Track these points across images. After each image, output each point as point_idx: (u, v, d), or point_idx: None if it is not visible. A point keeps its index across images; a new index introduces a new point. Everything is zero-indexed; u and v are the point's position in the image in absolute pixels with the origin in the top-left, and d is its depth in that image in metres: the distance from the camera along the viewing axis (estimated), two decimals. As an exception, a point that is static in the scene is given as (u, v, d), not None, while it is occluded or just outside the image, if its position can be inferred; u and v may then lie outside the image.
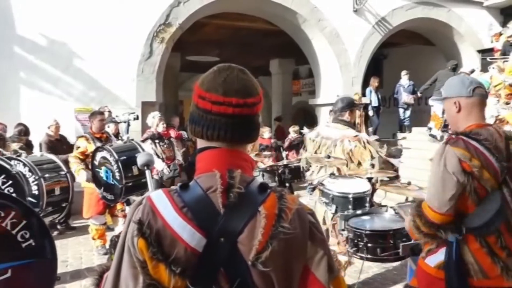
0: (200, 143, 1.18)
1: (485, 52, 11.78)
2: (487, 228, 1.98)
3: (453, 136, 2.04)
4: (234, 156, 1.15)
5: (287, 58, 16.93)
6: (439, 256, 2.08)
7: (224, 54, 15.47)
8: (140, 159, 2.03)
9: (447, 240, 2.04)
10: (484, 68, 10.34)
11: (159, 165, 6.53)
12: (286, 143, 10.61)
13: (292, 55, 15.31)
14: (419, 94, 11.55)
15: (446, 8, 12.18)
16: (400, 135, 11.59)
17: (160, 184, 6.34)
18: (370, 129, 11.24)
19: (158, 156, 6.59)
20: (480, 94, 2.12)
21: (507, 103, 7.10)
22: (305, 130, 5.62)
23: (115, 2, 8.61)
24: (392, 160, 6.21)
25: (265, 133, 9.11)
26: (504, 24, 12.05)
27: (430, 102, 10.31)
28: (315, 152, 4.02)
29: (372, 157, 3.88)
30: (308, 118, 15.09)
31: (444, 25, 12.33)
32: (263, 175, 5.02)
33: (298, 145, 9.89)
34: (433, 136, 9.60)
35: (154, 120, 6.96)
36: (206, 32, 12.19)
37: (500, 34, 11.23)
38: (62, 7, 8.25)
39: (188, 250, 1.03)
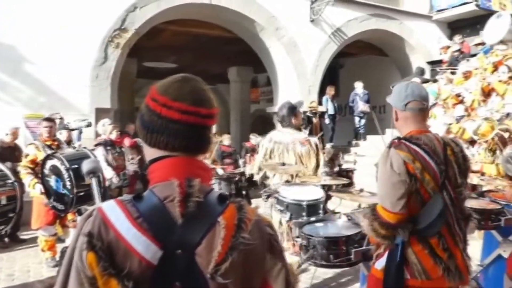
0: (154, 152, 1.13)
1: (434, 64, 12.31)
2: (429, 230, 2.05)
3: (396, 140, 2.11)
4: (192, 165, 1.13)
5: (245, 66, 17.00)
6: (385, 260, 2.13)
7: (181, 61, 15.35)
8: (86, 166, 1.93)
9: (392, 243, 2.09)
10: (433, 79, 10.78)
11: (108, 173, 6.36)
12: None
13: (251, 63, 15.40)
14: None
15: (398, 21, 12.65)
16: (354, 143, 11.87)
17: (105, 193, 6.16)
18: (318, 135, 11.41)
19: (109, 164, 6.42)
20: (412, 109, 2.19)
21: (452, 113, 7.42)
22: (258, 138, 5.70)
23: (68, 5, 8.35)
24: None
25: (225, 140, 9.07)
26: (451, 38, 12.68)
27: None
28: (270, 157, 4.09)
29: (318, 162, 3.98)
30: (266, 126, 15.16)
31: (396, 37, 12.80)
32: (219, 183, 4.98)
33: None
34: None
35: (105, 127, 6.78)
36: (163, 38, 12.06)
37: (448, 47, 11.78)
38: (9, 8, 7.92)
39: (143, 263, 0.98)
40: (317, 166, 4.12)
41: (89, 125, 5.79)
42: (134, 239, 0.99)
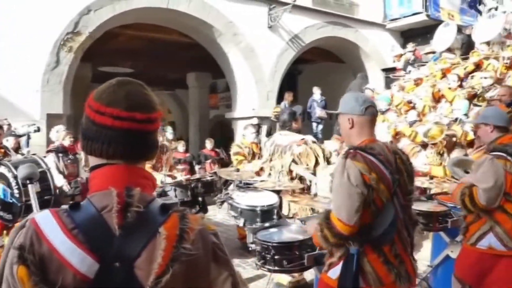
0: (94, 160, 1.09)
1: (388, 71, 12.70)
2: (383, 238, 2.08)
3: (352, 151, 2.12)
4: (133, 173, 1.08)
5: (204, 71, 16.93)
6: (340, 269, 2.14)
7: (138, 66, 15.10)
8: (21, 172, 1.82)
9: (348, 253, 2.10)
10: (387, 85, 11.11)
11: (59, 181, 6.14)
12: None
13: (209, 69, 15.34)
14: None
15: (354, 29, 12.98)
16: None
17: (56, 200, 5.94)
18: None
19: (60, 172, 6.20)
20: (371, 113, 2.24)
21: (406, 118, 7.66)
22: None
23: (18, 6, 8.03)
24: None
25: (179, 146, 8.99)
26: (404, 46, 13.12)
27: None
28: (271, 159, 4.39)
29: (318, 159, 4.13)
30: (226, 131, 15.15)
31: (352, 44, 13.13)
32: (175, 190, 4.89)
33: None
34: None
35: (59, 134, 6.55)
36: (119, 43, 11.81)
37: (401, 55, 12.20)
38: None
39: (77, 277, 0.94)
40: (317, 163, 4.34)
41: (37, 130, 5.56)
42: (69, 252, 0.95)
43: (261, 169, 4.59)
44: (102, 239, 0.98)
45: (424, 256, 4.70)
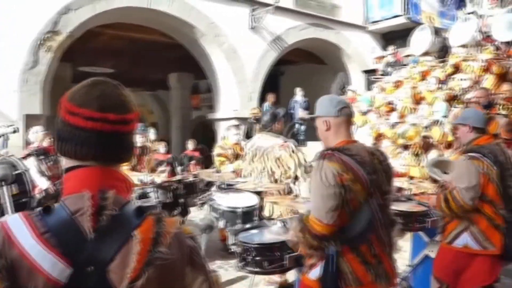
0: (68, 162, 1.07)
1: (370, 73, 12.83)
2: (360, 238, 2.09)
3: (327, 152, 2.13)
4: (107, 175, 1.06)
5: (186, 72, 16.85)
6: (319, 270, 2.15)
7: (119, 66, 14.94)
8: None
9: (326, 253, 2.11)
10: (369, 87, 11.22)
11: (43, 184, 6.02)
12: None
13: (191, 70, 15.27)
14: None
15: (335, 30, 13.08)
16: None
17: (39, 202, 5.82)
18: None
19: (43, 174, 6.08)
20: (346, 114, 2.25)
21: (387, 119, 7.76)
22: (244, 141, 5.94)
23: (-6, 5, 7.88)
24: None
25: (161, 147, 8.93)
26: (385, 48, 13.28)
27: None
28: (252, 161, 4.28)
29: (299, 164, 4.10)
30: (208, 133, 15.09)
31: (334, 46, 13.24)
32: (156, 191, 4.84)
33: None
34: None
35: (38, 135, 6.42)
36: (100, 42, 11.69)
37: (382, 57, 12.34)
38: None
39: (49, 282, 0.91)
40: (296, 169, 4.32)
41: (15, 131, 5.44)
42: (40, 257, 0.93)
43: (239, 170, 4.54)
44: (75, 243, 0.96)
45: (404, 256, 4.76)
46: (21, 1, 8.11)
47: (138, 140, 5.33)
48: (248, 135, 10.71)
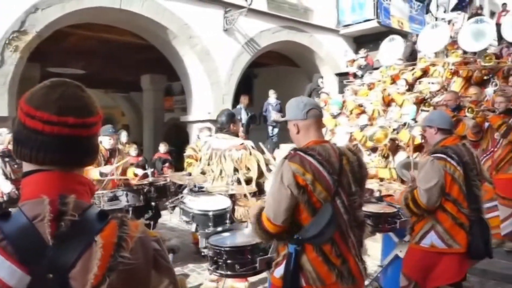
0: (27, 166, 1.04)
1: (342, 76, 13.00)
2: (321, 237, 2.09)
3: (292, 152, 2.16)
4: (68, 179, 1.03)
5: (159, 74, 16.66)
6: (283, 268, 2.16)
7: (91, 67, 14.66)
8: None
9: (288, 251, 2.13)
10: (341, 90, 11.36)
11: (6, 187, 5.85)
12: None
13: (164, 71, 15.13)
14: None
15: (308, 34, 13.20)
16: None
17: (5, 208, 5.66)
18: None
19: (7, 177, 5.91)
20: (313, 116, 2.27)
21: (357, 122, 7.87)
22: (131, 149, 5.73)
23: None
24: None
25: (132, 150, 8.79)
26: (357, 51, 13.49)
27: None
28: (208, 164, 4.17)
29: (259, 164, 4.05)
30: (181, 135, 14.97)
31: (307, 49, 13.35)
32: (127, 194, 4.75)
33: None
34: None
35: (3, 138, 6.23)
36: (70, 43, 11.44)
37: (354, 60, 12.53)
38: None
39: None
40: (259, 168, 4.23)
41: (-21, 133, 5.28)
42: None
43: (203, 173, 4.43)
44: (34, 250, 0.93)
45: (375, 256, 4.82)
46: (-15, 0, 7.88)
47: (108, 142, 5.23)
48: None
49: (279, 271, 2.18)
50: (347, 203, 2.17)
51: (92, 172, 4.63)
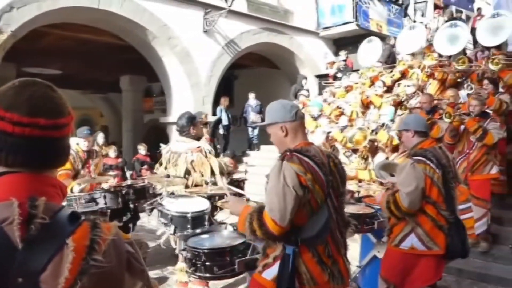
0: None
1: (322, 77, 13.10)
2: (318, 238, 2.11)
3: (287, 153, 2.13)
4: (38, 181, 1.01)
5: (138, 75, 16.50)
6: (275, 269, 2.14)
7: (68, 68, 14.42)
8: None
9: (284, 253, 2.12)
10: (320, 91, 11.44)
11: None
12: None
13: (144, 72, 14.97)
14: None
15: (289, 36, 13.26)
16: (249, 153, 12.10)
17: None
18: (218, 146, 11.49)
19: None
20: (301, 116, 2.29)
21: (337, 123, 7.93)
22: (162, 146, 5.61)
23: None
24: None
25: (111, 151, 8.67)
26: (337, 53, 13.63)
27: None
28: (165, 168, 4.08)
29: (213, 169, 3.97)
30: (160, 136, 14.85)
31: (287, 50, 13.40)
32: (105, 197, 4.68)
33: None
34: None
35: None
36: (46, 43, 11.24)
37: (333, 62, 12.64)
38: None
39: None
40: (212, 172, 4.12)
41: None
42: None
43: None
44: (2, 254, 0.90)
45: (354, 257, 4.86)
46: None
47: (83, 144, 5.15)
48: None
49: (269, 273, 2.15)
50: (336, 204, 2.19)
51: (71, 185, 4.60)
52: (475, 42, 11.73)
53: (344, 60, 12.39)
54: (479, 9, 14.67)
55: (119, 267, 1.00)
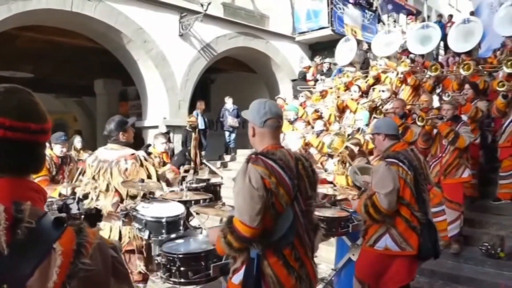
0: None
1: (298, 82, 13.17)
2: (283, 241, 2.13)
3: (252, 156, 2.16)
4: (21, 186, 1.01)
5: (113, 78, 16.31)
6: (242, 274, 2.15)
7: (40, 71, 14.11)
8: None
9: (248, 257, 2.12)
10: (296, 96, 11.52)
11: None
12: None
13: (119, 76, 14.80)
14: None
15: (265, 40, 13.33)
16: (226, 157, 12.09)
17: None
18: (203, 152, 11.46)
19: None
20: (270, 126, 2.27)
21: (313, 127, 7.99)
22: (85, 155, 5.30)
23: None
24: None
25: (87, 156, 8.50)
26: (312, 58, 13.77)
27: None
28: (93, 178, 3.71)
29: (150, 177, 3.74)
30: (136, 141, 14.66)
31: (263, 55, 13.47)
32: (78, 202, 4.59)
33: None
34: None
35: None
36: (17, 45, 10.99)
37: (309, 67, 12.77)
38: None
39: None
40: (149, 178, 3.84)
41: None
42: None
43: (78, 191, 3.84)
44: None
45: (329, 260, 4.90)
46: None
47: (59, 150, 5.07)
48: (185, 144, 10.58)
49: (237, 278, 2.17)
50: (304, 207, 2.21)
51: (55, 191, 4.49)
52: (446, 48, 12.04)
53: (319, 65, 12.53)
54: (450, 15, 15.08)
55: (105, 270, 1.02)
